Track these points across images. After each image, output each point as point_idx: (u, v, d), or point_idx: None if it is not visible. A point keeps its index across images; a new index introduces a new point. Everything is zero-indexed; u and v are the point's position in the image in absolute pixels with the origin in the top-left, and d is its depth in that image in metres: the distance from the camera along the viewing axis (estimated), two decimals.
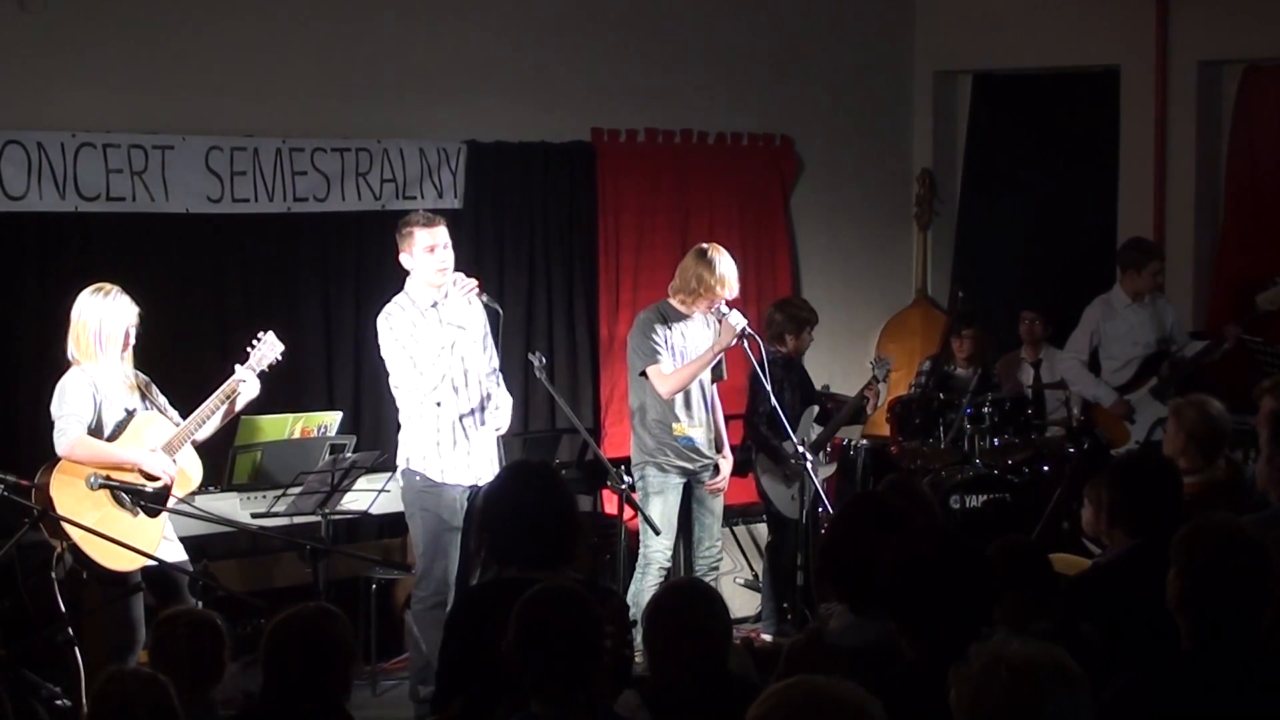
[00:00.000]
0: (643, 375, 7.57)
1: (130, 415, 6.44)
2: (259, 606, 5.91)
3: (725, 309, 7.50)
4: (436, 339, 6.88)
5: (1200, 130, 9.70)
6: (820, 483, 7.83)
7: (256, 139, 7.81)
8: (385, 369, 7.04)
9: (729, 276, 7.53)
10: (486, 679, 4.18)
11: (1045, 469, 8.68)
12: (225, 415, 6.66)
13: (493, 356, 7.11)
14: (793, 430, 7.65)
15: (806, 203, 10.11)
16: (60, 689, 6.00)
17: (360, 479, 7.25)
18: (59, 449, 6.31)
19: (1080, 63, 10.07)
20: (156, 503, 6.43)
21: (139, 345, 6.51)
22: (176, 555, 6.51)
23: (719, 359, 7.65)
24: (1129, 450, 8.28)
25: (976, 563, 3.90)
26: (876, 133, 10.46)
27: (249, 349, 6.69)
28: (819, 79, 10.06)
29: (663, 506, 7.54)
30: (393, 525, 7.67)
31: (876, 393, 8.52)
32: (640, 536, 7.63)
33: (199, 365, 7.40)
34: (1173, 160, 9.75)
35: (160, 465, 6.41)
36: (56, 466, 6.29)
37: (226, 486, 7.37)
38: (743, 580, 9.31)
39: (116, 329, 6.40)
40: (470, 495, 6.92)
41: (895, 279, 10.54)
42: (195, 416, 6.53)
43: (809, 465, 7.52)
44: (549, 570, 4.38)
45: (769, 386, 7.52)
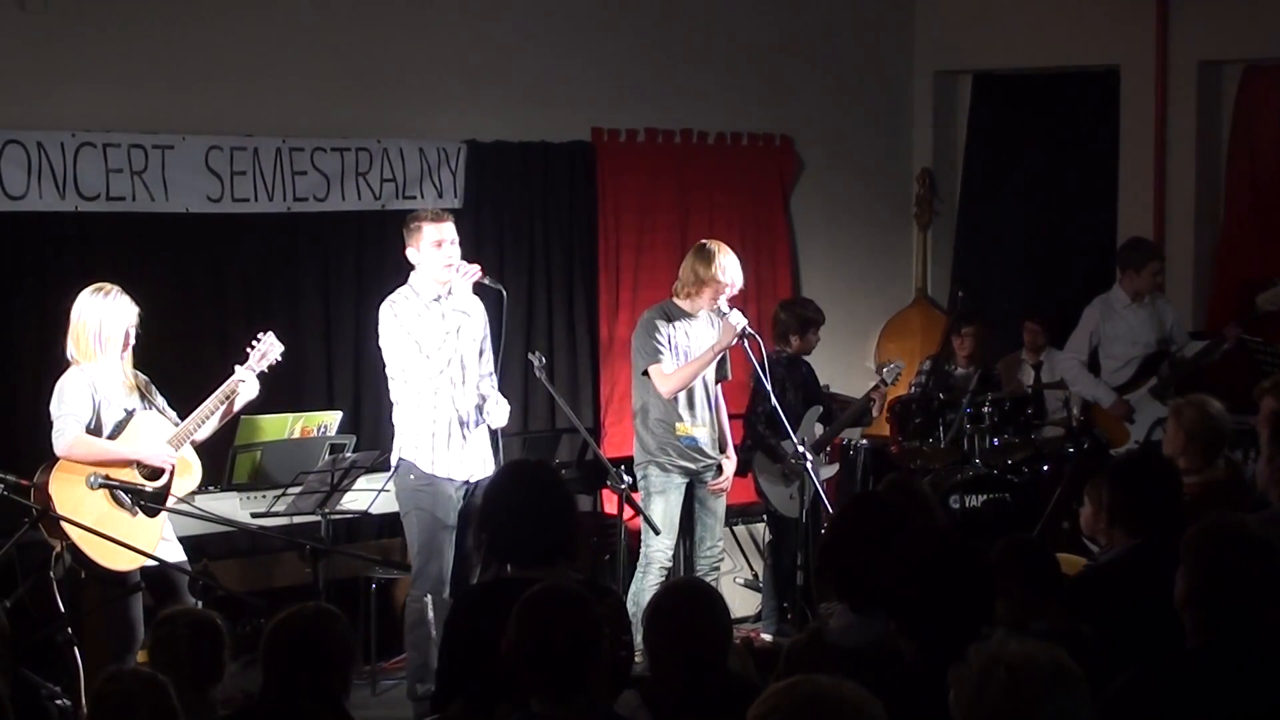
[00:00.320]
0: (645, 374, 7.57)
1: (129, 415, 6.43)
2: (259, 606, 5.90)
3: (726, 308, 7.49)
4: (440, 330, 6.89)
5: (1200, 130, 9.69)
6: (821, 483, 7.82)
7: (256, 139, 7.81)
8: (383, 362, 7.02)
9: (728, 266, 7.50)
10: (486, 679, 4.18)
11: (1045, 469, 8.67)
12: (224, 416, 6.65)
13: (489, 361, 7.11)
14: (793, 430, 7.64)
15: (807, 203, 10.10)
16: (60, 689, 5.99)
17: (360, 479, 7.25)
18: (57, 448, 6.30)
19: (1080, 63, 10.06)
20: (156, 502, 6.43)
21: (138, 345, 6.50)
22: (175, 556, 6.51)
23: (722, 358, 7.65)
24: (1129, 450, 8.28)
25: (976, 563, 3.91)
26: (877, 132, 10.46)
27: (249, 349, 6.69)
28: (819, 79, 10.05)
29: (664, 506, 7.54)
30: (392, 525, 7.66)
31: (883, 395, 8.52)
32: (641, 536, 7.63)
33: (198, 364, 7.40)
34: (1173, 160, 9.74)
35: (161, 454, 6.40)
36: (56, 466, 6.29)
37: (226, 486, 7.37)
38: (743, 580, 9.31)
39: (116, 329, 6.39)
40: (465, 493, 6.93)
41: (895, 279, 10.54)
42: (195, 416, 6.52)
43: (809, 465, 7.51)
44: (548, 567, 4.38)
45: (769, 386, 7.51)
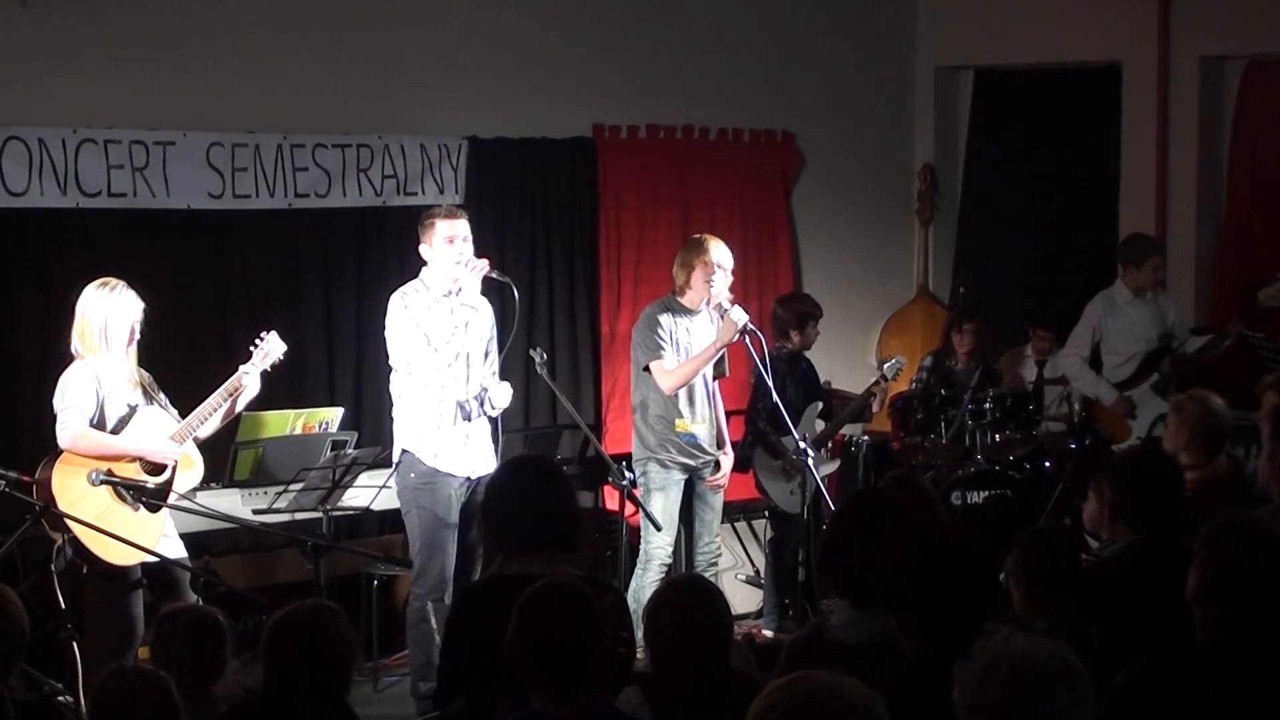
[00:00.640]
0: (646, 370, 7.57)
1: (133, 411, 6.42)
2: (260, 603, 5.91)
3: (728, 304, 7.49)
4: (448, 324, 6.89)
5: (1202, 126, 9.68)
6: (822, 479, 7.82)
7: (258, 135, 7.81)
8: (387, 353, 7.00)
9: (714, 248, 7.53)
10: (488, 675, 4.18)
11: (1047, 465, 8.67)
12: (227, 415, 6.65)
13: (494, 362, 7.10)
14: (794, 426, 7.64)
15: (808, 199, 10.10)
16: (61, 685, 5.99)
17: (361, 475, 7.25)
18: (62, 441, 6.30)
19: (1082, 58, 10.05)
20: (157, 499, 6.42)
21: (140, 340, 6.50)
22: (177, 552, 6.51)
23: (721, 355, 7.65)
24: (1131, 446, 8.28)
25: (977, 560, 3.90)
26: (878, 128, 10.45)
27: (252, 348, 6.69)
28: (821, 75, 10.05)
29: (664, 502, 7.53)
30: (394, 521, 7.66)
31: (883, 391, 8.52)
32: (641, 532, 7.63)
33: (199, 360, 7.41)
34: (1174, 156, 9.73)
35: (164, 449, 6.40)
36: (59, 459, 6.28)
37: (228, 483, 7.38)
38: (744, 576, 9.31)
39: (122, 325, 6.39)
40: (467, 489, 6.93)
41: (897, 275, 10.53)
42: (198, 412, 6.52)
43: (810, 461, 7.51)
44: (550, 561, 4.38)
45: (771, 382, 7.51)
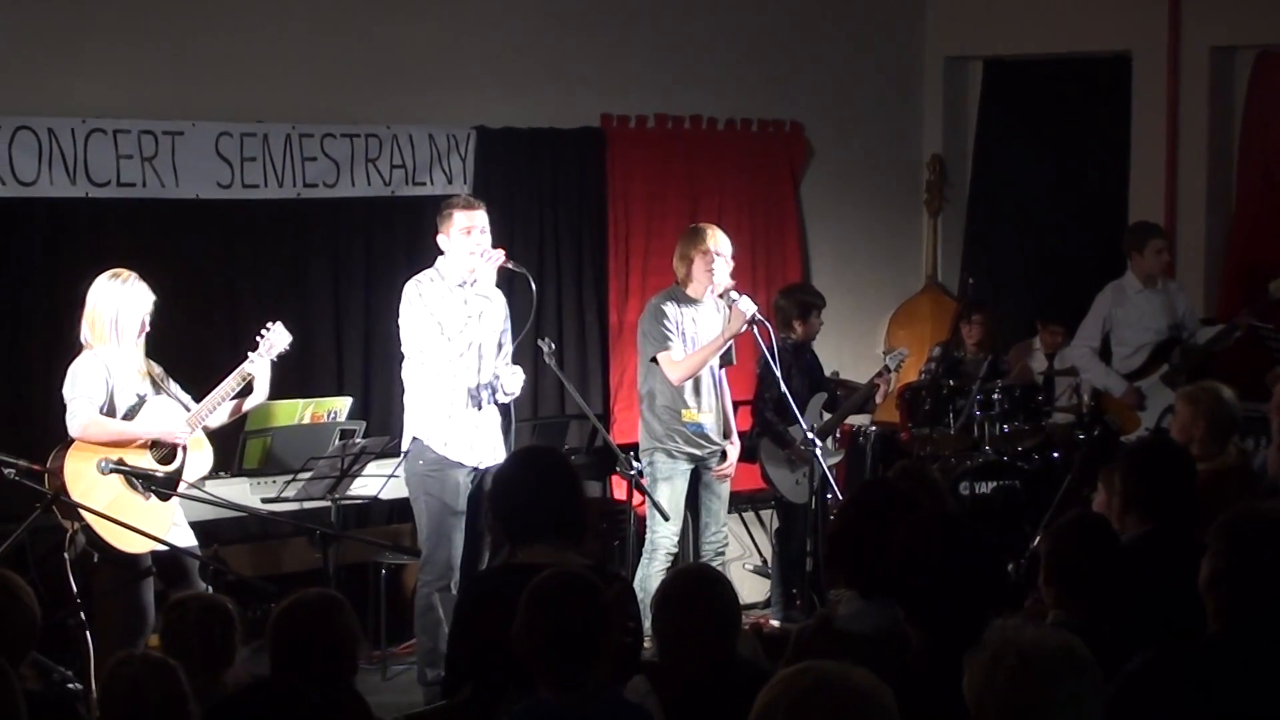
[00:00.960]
0: (653, 361, 7.57)
1: (141, 401, 6.44)
2: (269, 591, 5.91)
3: (735, 295, 7.49)
4: (462, 314, 6.90)
5: (1212, 116, 9.67)
6: (829, 469, 7.82)
7: (266, 125, 7.81)
8: (399, 341, 7.00)
9: (713, 235, 7.56)
10: (495, 664, 4.19)
11: (1055, 456, 8.67)
12: (234, 411, 6.68)
13: (507, 355, 7.10)
14: (801, 416, 7.64)
15: (816, 189, 10.09)
16: (71, 673, 6.01)
17: (370, 464, 7.26)
18: (72, 430, 6.31)
19: (1091, 48, 10.04)
20: (167, 487, 6.44)
21: (150, 330, 6.51)
22: (187, 541, 6.52)
23: (729, 345, 7.65)
24: (1140, 436, 8.26)
25: (985, 550, 3.89)
26: (887, 119, 10.44)
27: (258, 338, 6.69)
28: (829, 65, 10.04)
29: (670, 492, 7.54)
30: (402, 510, 7.67)
31: (888, 382, 8.51)
32: (647, 522, 7.64)
33: (208, 350, 7.42)
34: (1184, 146, 9.72)
35: (175, 430, 6.42)
36: (71, 448, 6.29)
37: (237, 471, 7.38)
38: (752, 566, 9.32)
39: (133, 317, 6.40)
40: (475, 478, 6.93)
41: (905, 265, 10.52)
42: (208, 401, 6.54)
43: (817, 450, 7.51)
44: (557, 549, 4.38)
45: (778, 372, 7.51)
